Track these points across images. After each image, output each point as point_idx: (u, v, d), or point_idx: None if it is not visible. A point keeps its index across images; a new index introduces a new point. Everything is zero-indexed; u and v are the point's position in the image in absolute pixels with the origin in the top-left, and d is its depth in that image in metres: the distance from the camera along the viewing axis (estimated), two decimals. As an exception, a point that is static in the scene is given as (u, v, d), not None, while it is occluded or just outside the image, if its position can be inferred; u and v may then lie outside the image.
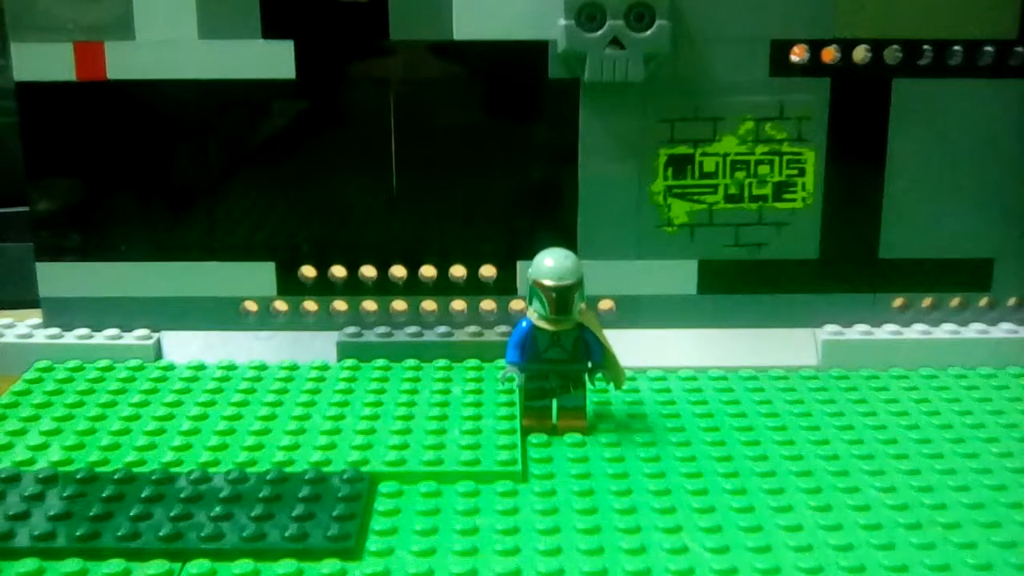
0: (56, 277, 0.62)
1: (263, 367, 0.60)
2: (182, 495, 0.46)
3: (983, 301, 0.64)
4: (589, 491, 0.47)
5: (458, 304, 0.63)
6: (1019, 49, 0.60)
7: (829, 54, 0.60)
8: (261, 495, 0.46)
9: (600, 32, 0.58)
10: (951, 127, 0.61)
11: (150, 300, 0.62)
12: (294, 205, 0.62)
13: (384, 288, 0.63)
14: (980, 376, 0.59)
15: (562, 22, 0.58)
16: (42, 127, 0.61)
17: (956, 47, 0.60)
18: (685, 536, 0.43)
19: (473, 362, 0.61)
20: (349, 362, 0.60)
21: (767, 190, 0.61)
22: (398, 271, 0.63)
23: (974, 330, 0.62)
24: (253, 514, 0.44)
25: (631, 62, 0.58)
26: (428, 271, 0.63)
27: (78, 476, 0.47)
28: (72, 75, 0.60)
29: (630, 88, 0.59)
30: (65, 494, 0.46)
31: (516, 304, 0.63)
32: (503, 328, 0.62)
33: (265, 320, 0.63)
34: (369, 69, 0.60)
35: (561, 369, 0.52)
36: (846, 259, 0.62)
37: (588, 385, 0.53)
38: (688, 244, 0.62)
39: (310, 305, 0.63)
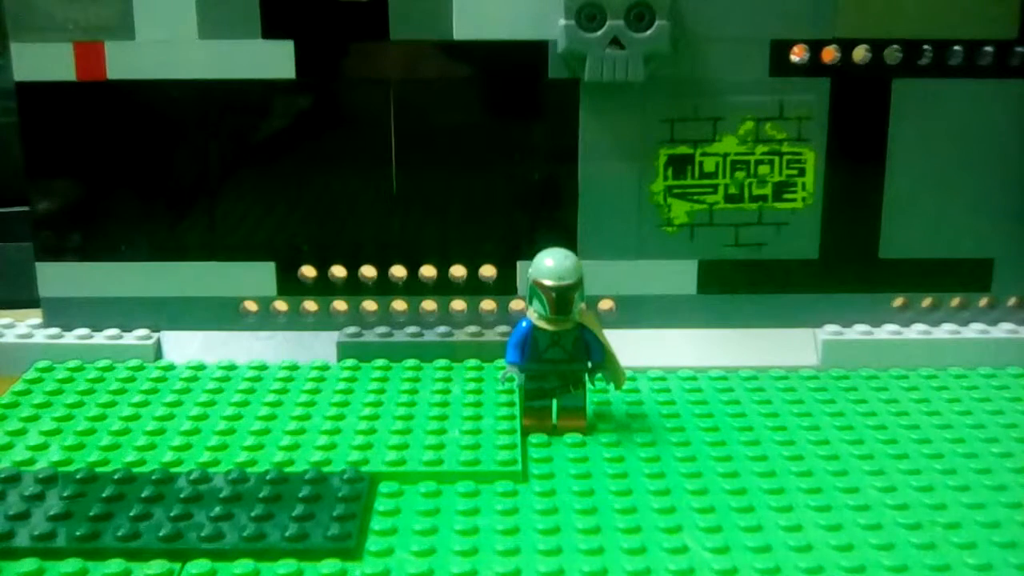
0: (56, 277, 0.62)
1: (263, 367, 0.60)
2: (182, 495, 0.46)
3: (983, 301, 0.63)
4: (589, 491, 0.47)
5: (458, 304, 0.63)
6: (1019, 49, 0.60)
7: (829, 54, 0.60)
8: (261, 495, 0.46)
9: (600, 32, 0.58)
10: (951, 127, 0.61)
11: (150, 300, 0.62)
12: (294, 205, 0.62)
13: (384, 288, 0.63)
14: (980, 376, 0.59)
15: (562, 22, 0.58)
16: (42, 127, 0.61)
17: (956, 47, 0.60)
18: (685, 536, 0.43)
19: (473, 362, 0.61)
20: (349, 362, 0.60)
21: (767, 190, 0.61)
22: (398, 271, 0.63)
23: (974, 330, 0.62)
24: (253, 514, 0.44)
25: (631, 62, 0.58)
26: (428, 271, 0.63)
27: (78, 476, 0.47)
28: (72, 75, 0.60)
29: (630, 88, 0.59)
30: (65, 494, 0.46)
31: (516, 304, 0.63)
32: (503, 328, 0.62)
33: (265, 320, 0.63)
34: (369, 69, 0.60)
35: (561, 369, 0.52)
36: (846, 259, 0.62)
37: (588, 385, 0.53)
38: (688, 244, 0.62)
39: (310, 305, 0.63)
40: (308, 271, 0.63)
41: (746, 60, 0.60)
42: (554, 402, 0.53)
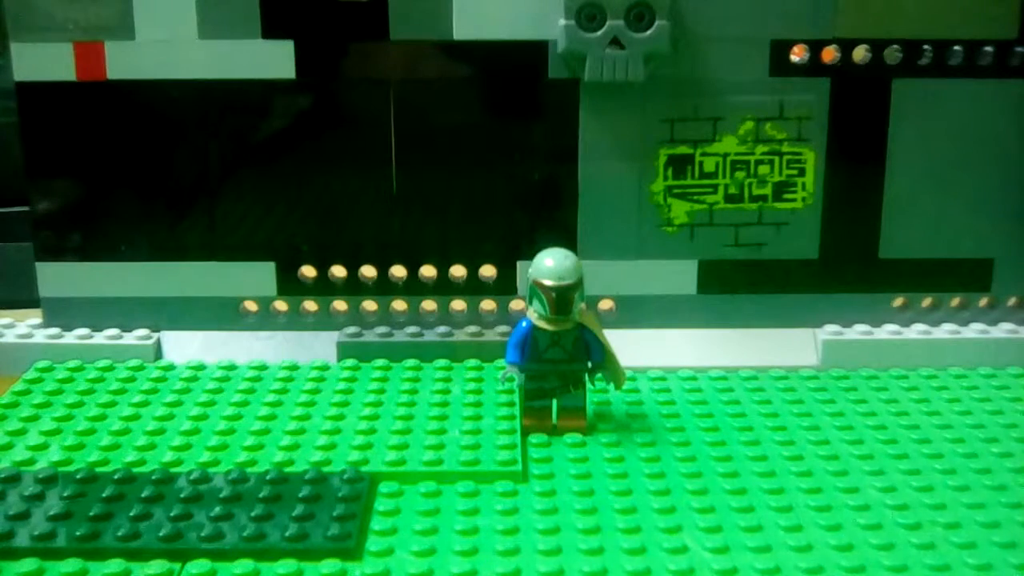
0: (56, 277, 0.62)
1: (263, 367, 0.60)
2: (182, 495, 0.46)
3: (983, 301, 0.63)
4: (589, 491, 0.47)
5: (458, 304, 0.63)
6: (1019, 49, 0.60)
7: (829, 54, 0.60)
8: (261, 495, 0.46)
9: (600, 32, 0.58)
10: (951, 127, 0.61)
11: (150, 300, 0.62)
12: (294, 205, 0.62)
13: (384, 288, 0.63)
14: (980, 376, 0.59)
15: (562, 22, 0.58)
16: (42, 127, 0.61)
17: (956, 47, 0.60)
18: (685, 536, 0.43)
19: (473, 362, 0.61)
20: (349, 362, 0.60)
21: (767, 190, 0.61)
22: (398, 271, 0.63)
23: (974, 330, 0.62)
24: (253, 514, 0.44)
25: (631, 62, 0.58)
26: (428, 271, 0.63)
27: (78, 476, 0.47)
28: (72, 75, 0.60)
29: (630, 88, 0.59)
30: (65, 494, 0.46)
31: (516, 304, 0.63)
32: (503, 328, 0.62)
33: (265, 320, 0.63)
34: (369, 69, 0.60)
35: (561, 369, 0.52)
36: (846, 259, 0.62)
37: (588, 385, 0.53)
38: (688, 244, 0.62)
39: (310, 305, 0.63)
40: (308, 271, 0.63)
41: (746, 60, 0.60)
42: (554, 402, 0.53)
